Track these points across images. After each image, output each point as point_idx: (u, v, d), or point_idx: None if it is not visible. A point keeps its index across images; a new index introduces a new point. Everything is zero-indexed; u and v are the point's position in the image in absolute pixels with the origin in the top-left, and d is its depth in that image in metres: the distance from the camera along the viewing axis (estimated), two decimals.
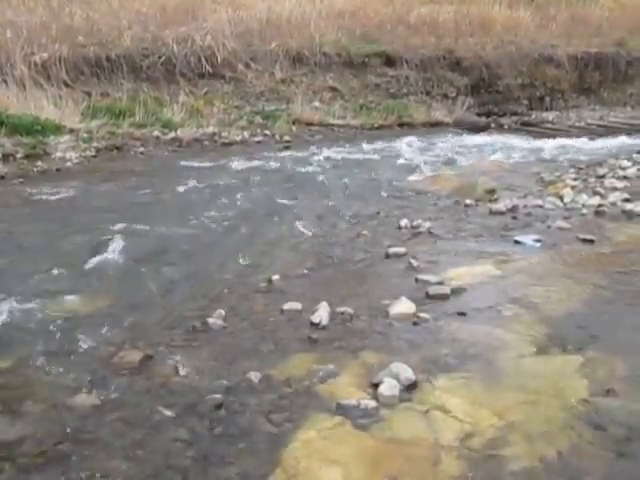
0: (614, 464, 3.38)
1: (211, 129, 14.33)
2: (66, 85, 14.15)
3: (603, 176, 10.77)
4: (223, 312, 5.20)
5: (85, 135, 12.68)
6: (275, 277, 6.01)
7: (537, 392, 4.03)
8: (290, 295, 5.60)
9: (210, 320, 5.06)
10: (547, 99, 20.17)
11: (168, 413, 3.84)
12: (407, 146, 13.96)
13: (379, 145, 14.03)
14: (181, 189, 9.67)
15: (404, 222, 7.87)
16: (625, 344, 4.71)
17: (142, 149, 12.79)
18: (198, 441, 3.59)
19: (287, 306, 5.32)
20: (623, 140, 15.94)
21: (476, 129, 17.14)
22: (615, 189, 9.54)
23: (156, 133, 13.58)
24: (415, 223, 7.83)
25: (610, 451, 3.47)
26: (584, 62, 20.68)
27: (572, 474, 3.30)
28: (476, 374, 4.26)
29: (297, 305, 5.33)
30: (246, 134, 14.57)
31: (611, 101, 21.25)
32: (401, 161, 12.59)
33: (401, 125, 17.00)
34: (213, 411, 3.86)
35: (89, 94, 14.27)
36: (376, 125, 16.63)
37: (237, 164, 11.70)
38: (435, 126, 17.16)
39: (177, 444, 3.56)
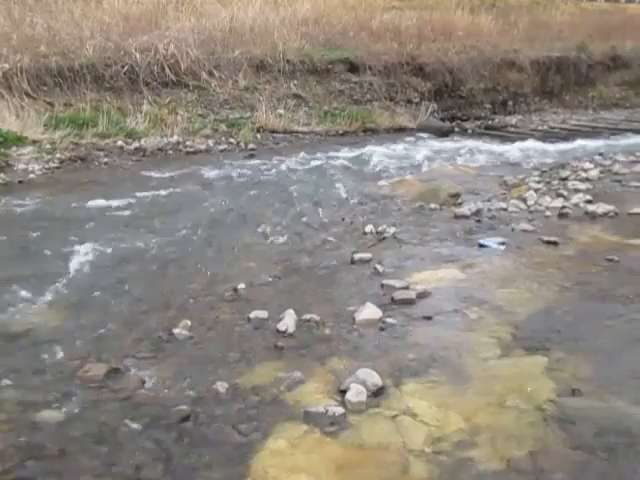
0: (582, 463, 3.41)
1: (175, 138, 14.24)
2: (28, 96, 13.98)
3: (566, 178, 10.88)
4: (189, 322, 5.18)
5: (48, 146, 12.53)
6: (241, 286, 6.00)
7: (504, 394, 4.05)
8: (256, 303, 5.59)
9: (176, 331, 5.05)
10: (510, 103, 20.35)
11: (135, 426, 3.81)
12: (372, 152, 13.97)
13: (344, 151, 14.04)
14: (145, 199, 9.61)
15: (369, 228, 7.90)
16: (589, 344, 4.76)
17: (106, 159, 12.66)
18: (166, 453, 3.56)
19: (253, 314, 5.31)
20: (585, 142, 16.13)
21: (440, 134, 17.23)
22: (578, 191, 9.64)
23: (120, 143, 13.46)
24: (380, 228, 7.85)
25: (577, 450, 3.51)
26: (546, 66, 20.92)
27: (540, 474, 3.33)
28: (443, 378, 4.28)
29: (263, 313, 5.31)
30: (210, 142, 14.50)
31: (573, 104, 21.52)
32: (366, 167, 12.63)
33: (365, 131, 17.04)
34: (180, 423, 3.84)
35: (52, 104, 14.12)
36: (340, 131, 16.66)
37: (202, 173, 11.66)
38: (399, 131, 17.21)
39: (144, 457, 3.54)
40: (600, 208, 8.40)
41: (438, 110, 18.82)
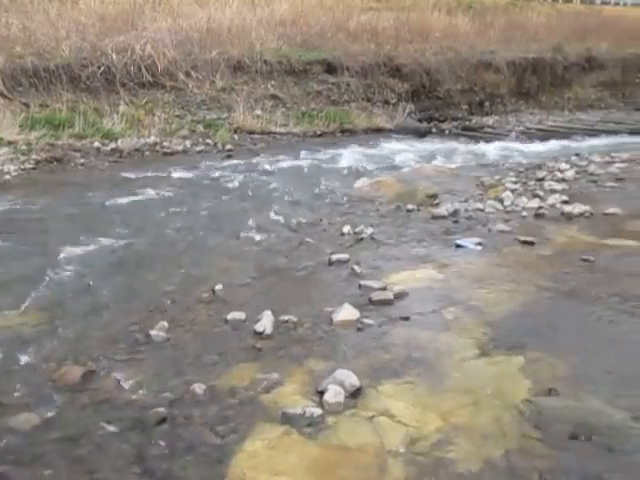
0: (558, 462, 3.44)
1: (152, 139, 14.17)
2: (3, 96, 13.86)
3: (542, 179, 10.94)
4: (166, 324, 5.16)
5: (24, 147, 12.43)
6: (218, 287, 5.97)
7: (481, 394, 4.08)
8: (233, 305, 5.57)
9: (152, 332, 5.02)
10: (487, 104, 20.43)
11: (111, 429, 3.79)
12: (349, 153, 14.00)
13: (321, 152, 14.06)
14: (122, 200, 9.55)
15: (347, 228, 7.90)
16: (565, 343, 4.80)
17: (82, 160, 12.57)
18: (143, 456, 3.55)
19: (230, 316, 5.30)
20: (561, 143, 16.27)
21: (417, 134, 17.27)
22: (554, 191, 9.70)
23: (96, 144, 13.37)
24: (358, 229, 7.85)
25: (554, 449, 3.53)
26: (522, 67, 21.04)
27: (518, 473, 3.36)
28: (420, 378, 4.30)
29: (241, 315, 5.30)
30: (188, 143, 14.45)
31: (549, 105, 21.65)
32: (343, 168, 12.64)
33: (343, 132, 17.04)
34: (157, 425, 3.82)
35: (27, 105, 14.00)
36: (318, 132, 16.65)
37: (179, 174, 11.61)
38: (377, 132, 17.22)
39: (121, 460, 3.52)
40: (576, 208, 8.46)
41: (415, 111, 18.87)
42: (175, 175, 11.55)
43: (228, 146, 14.59)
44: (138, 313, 5.54)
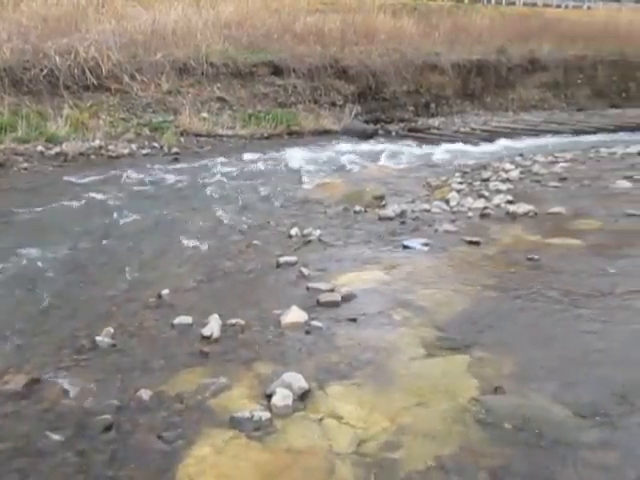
0: (505, 459, 3.47)
1: (97, 142, 13.99)
2: None
3: (487, 179, 11.10)
4: (112, 330, 5.10)
5: None
6: (165, 292, 5.93)
7: (428, 393, 4.10)
8: (180, 309, 5.54)
9: (98, 338, 4.96)
10: (432, 105, 20.58)
11: (56, 437, 3.73)
12: (296, 155, 14.00)
13: (269, 154, 14.04)
14: (66, 205, 9.40)
15: (294, 231, 7.91)
16: (511, 342, 4.86)
17: (26, 165, 12.36)
18: (89, 464, 3.50)
19: (177, 320, 5.26)
20: (506, 144, 16.49)
21: (364, 136, 17.33)
22: (499, 192, 9.85)
23: (40, 148, 13.16)
24: (305, 231, 7.87)
25: (500, 447, 3.56)
26: (467, 69, 21.25)
27: (466, 472, 3.38)
28: (368, 379, 4.31)
29: (188, 319, 5.27)
30: (134, 147, 14.30)
31: (494, 106, 21.91)
32: (291, 170, 12.64)
33: (290, 134, 17.01)
34: (103, 432, 3.77)
35: None
36: (265, 134, 16.60)
37: (125, 177, 11.47)
38: (324, 134, 17.24)
39: (67, 469, 3.47)
40: (520, 208, 8.59)
41: (362, 113, 18.92)
42: (121, 179, 11.41)
43: (174, 149, 14.48)
44: (83, 319, 5.48)
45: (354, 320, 5.26)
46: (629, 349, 4.71)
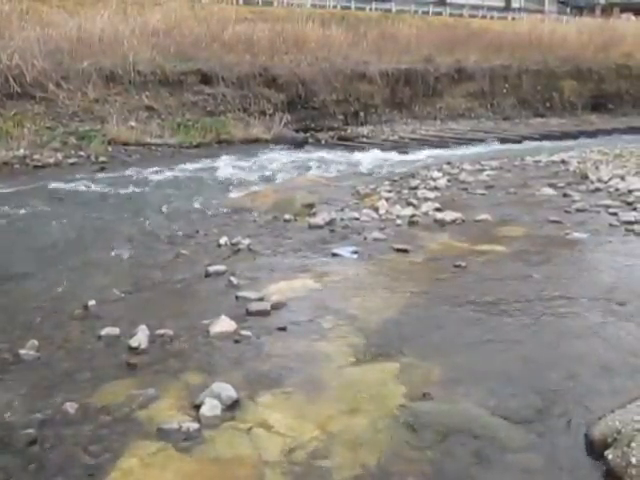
0: (432, 464, 3.49)
1: (22, 152, 13.77)
2: None
3: (416, 187, 11.20)
4: (36, 342, 4.97)
5: None
6: (91, 303, 5.81)
7: (357, 401, 4.10)
8: (107, 320, 5.43)
9: (22, 351, 4.84)
10: (361, 114, 20.78)
11: None
12: (226, 163, 13.99)
13: (198, 163, 13.98)
14: None
15: (224, 240, 7.85)
16: (439, 348, 4.90)
17: None
18: None
19: (104, 332, 5.16)
20: (434, 152, 16.72)
21: (294, 145, 17.42)
22: (427, 199, 9.93)
23: None
24: (235, 240, 7.82)
25: (428, 452, 3.58)
26: (395, 78, 21.52)
27: (394, 478, 3.38)
28: (298, 388, 4.29)
29: (115, 330, 5.17)
30: (60, 156, 14.10)
31: (422, 115, 22.22)
32: (220, 179, 12.61)
33: (220, 142, 17.01)
34: (27, 447, 3.67)
35: None
36: (194, 143, 16.56)
37: (50, 187, 11.30)
38: (254, 143, 17.26)
39: None
40: (448, 216, 8.69)
41: (292, 121, 19.02)
42: (46, 189, 11.24)
43: (102, 158, 14.32)
44: (6, 332, 5.33)
45: (284, 329, 5.23)
46: (554, 354, 4.79)
